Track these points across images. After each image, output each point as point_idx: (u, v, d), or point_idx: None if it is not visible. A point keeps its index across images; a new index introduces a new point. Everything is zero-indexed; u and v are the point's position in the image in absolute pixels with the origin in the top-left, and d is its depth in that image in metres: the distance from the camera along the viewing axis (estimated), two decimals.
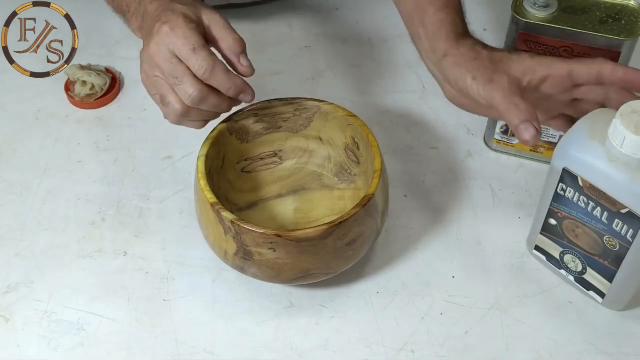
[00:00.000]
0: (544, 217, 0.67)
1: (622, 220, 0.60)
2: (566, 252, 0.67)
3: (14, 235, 0.74)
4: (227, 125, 0.70)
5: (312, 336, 0.67)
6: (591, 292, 0.68)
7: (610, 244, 0.62)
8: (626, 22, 0.69)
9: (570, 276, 0.69)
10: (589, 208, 0.62)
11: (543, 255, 0.70)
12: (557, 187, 0.64)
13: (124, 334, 0.67)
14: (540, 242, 0.69)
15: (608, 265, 0.64)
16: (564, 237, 0.67)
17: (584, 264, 0.66)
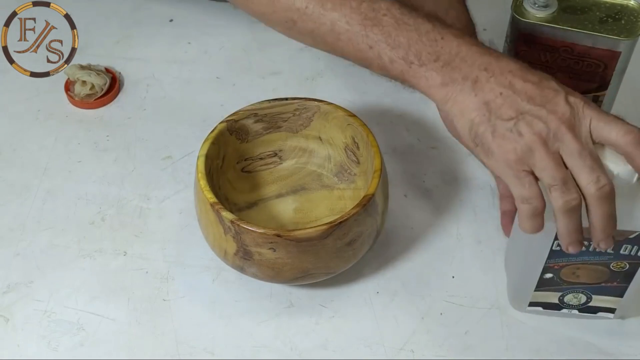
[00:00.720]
0: (538, 276, 0.62)
1: (632, 243, 0.58)
2: (567, 294, 0.64)
3: (14, 235, 0.74)
4: (227, 125, 0.70)
5: (312, 336, 0.67)
6: (600, 313, 0.66)
7: (619, 267, 0.61)
8: (626, 22, 0.69)
9: (574, 311, 0.66)
10: (591, 247, 0.59)
11: (539, 306, 0.66)
12: (553, 245, 0.59)
13: (124, 334, 0.67)
14: (534, 297, 0.65)
15: (617, 284, 0.63)
16: (562, 282, 0.63)
17: (588, 295, 0.64)
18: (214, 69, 0.90)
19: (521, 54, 0.72)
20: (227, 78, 0.89)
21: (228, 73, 0.90)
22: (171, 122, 0.85)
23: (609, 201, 0.54)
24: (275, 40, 0.94)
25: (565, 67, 0.71)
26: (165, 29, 0.95)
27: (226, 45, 0.93)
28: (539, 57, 0.72)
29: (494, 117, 0.55)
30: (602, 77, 0.71)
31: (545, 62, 0.72)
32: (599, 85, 0.72)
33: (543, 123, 0.54)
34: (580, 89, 0.72)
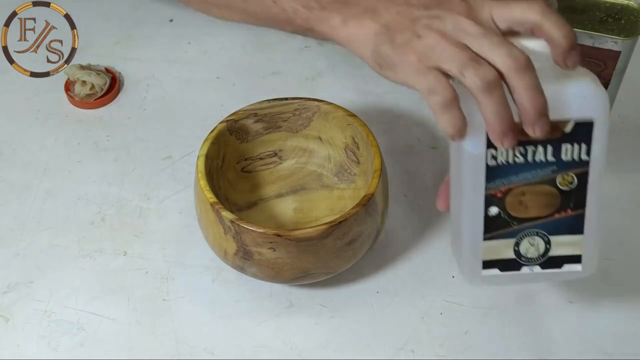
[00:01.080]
0: (482, 212, 0.54)
1: (571, 140, 0.52)
2: (522, 239, 0.55)
3: (14, 235, 0.74)
4: (227, 125, 0.70)
5: (312, 336, 0.67)
6: (565, 267, 0.56)
7: (566, 182, 0.53)
8: (626, 22, 0.69)
9: (535, 268, 0.56)
10: (529, 156, 0.52)
11: (495, 268, 0.56)
12: (487, 158, 0.52)
13: (124, 334, 0.67)
14: (486, 252, 0.56)
15: (572, 213, 0.54)
16: (512, 221, 0.55)
17: (545, 237, 0.55)
18: (214, 69, 0.90)
19: None
20: (227, 78, 0.89)
21: (228, 73, 0.90)
22: (171, 122, 0.85)
23: (528, 71, 0.49)
24: (275, 40, 0.94)
25: None
26: (165, 29, 0.95)
27: (226, 45, 0.93)
28: None
29: (393, 33, 0.54)
30: (602, 77, 0.71)
31: None
32: None
33: (441, 21, 0.52)
34: None
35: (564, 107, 0.51)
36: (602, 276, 0.71)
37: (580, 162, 0.53)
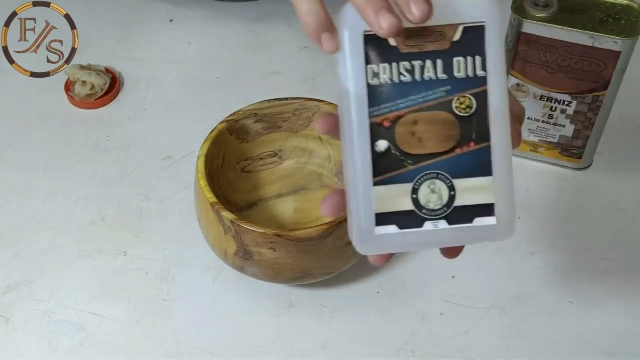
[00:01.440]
0: (368, 149, 0.45)
1: (463, 52, 0.45)
2: (420, 184, 0.46)
3: (14, 235, 0.74)
4: (227, 125, 0.70)
5: (312, 336, 0.67)
6: (477, 221, 0.46)
7: (464, 107, 0.45)
8: (626, 22, 0.69)
9: (440, 223, 0.46)
10: (417, 73, 0.45)
11: (392, 224, 0.46)
12: (368, 76, 0.45)
13: (124, 334, 0.67)
14: (379, 202, 0.46)
15: (476, 146, 0.46)
16: (406, 158, 0.46)
17: (448, 180, 0.46)
18: (214, 69, 0.90)
19: (521, 54, 0.72)
20: (227, 78, 0.89)
21: (228, 73, 0.90)
22: (171, 122, 0.85)
23: None
24: (275, 40, 0.94)
25: (564, 67, 0.71)
26: (165, 29, 0.95)
27: (226, 45, 0.93)
28: (539, 57, 0.72)
29: None
30: (602, 77, 0.71)
31: (545, 62, 0.72)
32: (598, 85, 0.72)
33: None
34: (580, 89, 0.73)
35: (449, 10, 0.45)
36: (602, 276, 0.71)
37: (477, 79, 0.45)
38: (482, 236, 0.47)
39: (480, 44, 0.45)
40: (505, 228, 0.47)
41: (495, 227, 0.46)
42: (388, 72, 0.45)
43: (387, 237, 0.46)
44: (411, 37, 0.45)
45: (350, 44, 0.45)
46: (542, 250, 0.73)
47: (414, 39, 0.45)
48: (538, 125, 0.77)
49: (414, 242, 0.47)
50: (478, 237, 0.47)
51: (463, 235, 0.47)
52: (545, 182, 0.79)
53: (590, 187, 0.79)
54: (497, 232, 0.47)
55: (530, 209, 0.76)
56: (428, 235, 0.46)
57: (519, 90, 0.75)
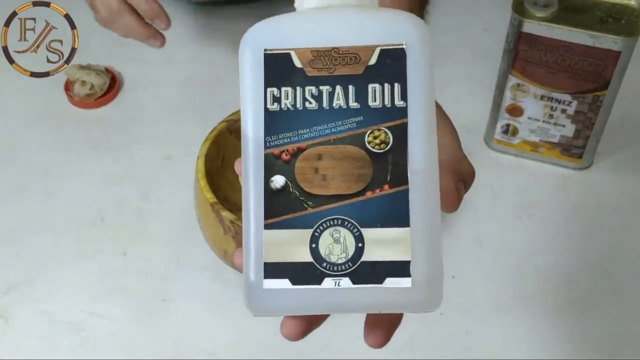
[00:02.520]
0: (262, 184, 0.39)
1: (379, 78, 0.38)
2: (322, 231, 0.38)
3: (14, 235, 0.74)
4: (227, 125, 0.70)
5: (312, 336, 0.67)
6: (388, 281, 0.38)
7: (378, 142, 0.38)
8: (626, 22, 0.69)
9: (343, 281, 0.38)
10: (325, 100, 0.38)
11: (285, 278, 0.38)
12: (267, 99, 0.39)
13: (124, 334, 0.67)
14: (270, 249, 0.38)
15: (391, 190, 0.38)
16: (307, 199, 0.38)
17: (355, 228, 0.38)
18: (214, 69, 0.90)
19: (521, 54, 0.72)
20: (227, 78, 0.89)
21: (228, 73, 0.90)
22: (171, 122, 0.85)
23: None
24: None
25: (565, 67, 0.71)
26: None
27: (226, 45, 0.93)
28: (539, 57, 0.72)
29: None
30: (602, 77, 0.71)
31: (545, 62, 0.72)
32: (599, 85, 0.72)
33: None
34: (580, 89, 0.73)
35: (363, 30, 0.38)
36: (602, 276, 0.71)
37: (395, 110, 0.38)
38: (395, 302, 0.39)
39: (401, 69, 0.38)
40: (425, 294, 0.39)
41: (411, 292, 0.38)
42: (291, 97, 0.38)
43: (278, 294, 0.38)
44: (320, 58, 0.38)
45: (250, 63, 0.39)
46: (542, 250, 0.73)
47: (324, 60, 0.38)
48: (539, 125, 0.77)
49: (311, 304, 0.39)
50: (390, 304, 0.39)
51: (371, 299, 0.39)
52: (545, 182, 0.79)
53: (591, 187, 0.79)
54: (414, 299, 0.39)
55: (530, 209, 0.76)
56: (328, 296, 0.39)
57: (520, 90, 0.75)
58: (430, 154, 0.38)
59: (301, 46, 0.38)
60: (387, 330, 0.42)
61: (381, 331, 0.42)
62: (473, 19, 0.73)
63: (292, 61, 0.39)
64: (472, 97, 0.85)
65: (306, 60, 0.38)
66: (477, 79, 0.87)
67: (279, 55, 0.38)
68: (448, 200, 0.40)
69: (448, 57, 0.89)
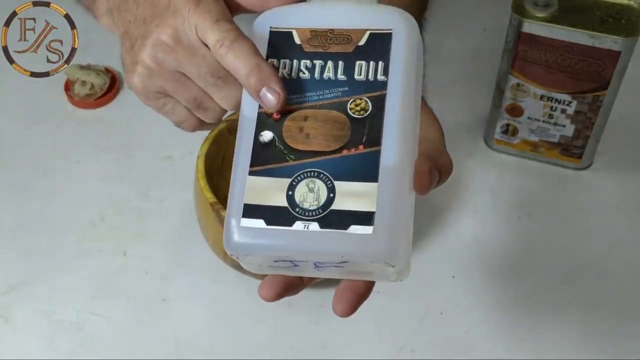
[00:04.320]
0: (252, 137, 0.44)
1: (366, 56, 0.44)
2: (299, 181, 0.43)
3: (14, 235, 0.74)
4: (227, 125, 0.70)
5: (312, 336, 0.67)
6: (352, 228, 0.41)
7: (359, 109, 0.43)
8: (626, 22, 0.69)
9: (312, 225, 0.42)
10: (317, 72, 0.44)
11: (261, 218, 0.43)
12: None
13: (124, 334, 0.67)
14: (252, 193, 0.43)
15: (364, 150, 0.43)
16: (290, 153, 0.43)
17: (329, 181, 0.42)
18: None
19: (521, 54, 0.72)
20: None
21: None
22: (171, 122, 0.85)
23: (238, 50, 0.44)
24: None
25: (565, 67, 0.71)
26: None
27: None
28: (539, 57, 0.72)
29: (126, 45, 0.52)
30: (602, 77, 0.71)
31: (546, 62, 0.72)
32: (599, 85, 0.72)
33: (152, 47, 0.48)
34: (580, 89, 0.73)
35: (357, 16, 0.44)
36: (602, 276, 0.71)
37: (376, 83, 0.43)
38: (357, 251, 0.42)
39: (386, 50, 0.43)
40: (384, 243, 0.42)
41: (372, 239, 0.41)
42: (288, 68, 0.44)
43: (253, 233, 0.42)
44: (317, 37, 0.44)
45: (256, 38, 0.45)
46: (542, 250, 0.73)
47: (320, 39, 0.44)
48: (538, 125, 0.77)
49: (282, 244, 0.42)
50: (353, 252, 0.42)
51: (336, 244, 0.41)
52: (545, 182, 0.79)
53: (590, 187, 0.79)
54: (373, 246, 0.41)
55: (530, 209, 0.76)
56: (297, 238, 0.42)
57: (520, 90, 0.75)
58: (405, 123, 0.43)
59: (302, 26, 0.44)
60: (354, 300, 0.46)
61: (348, 300, 0.46)
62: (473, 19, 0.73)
63: (293, 38, 0.44)
64: (472, 97, 0.85)
65: (305, 38, 0.44)
66: (477, 79, 0.87)
67: (282, 32, 0.44)
68: (420, 181, 0.43)
69: (448, 57, 0.89)
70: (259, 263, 0.45)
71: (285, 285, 0.45)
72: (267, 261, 0.44)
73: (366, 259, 0.42)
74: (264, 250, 0.43)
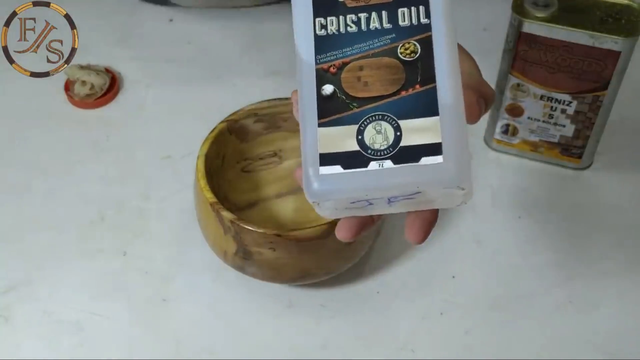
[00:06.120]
0: (314, 93, 0.47)
1: (407, 3, 0.47)
2: (366, 125, 0.46)
3: (14, 235, 0.74)
4: (227, 125, 0.70)
5: (312, 336, 0.67)
6: (424, 160, 0.45)
7: (409, 52, 0.47)
8: (626, 22, 0.69)
9: (385, 162, 0.45)
10: (363, 24, 0.47)
11: (338, 164, 0.45)
12: (315, 27, 0.48)
13: (124, 334, 0.67)
14: (324, 143, 0.46)
15: (422, 88, 0.46)
16: (352, 102, 0.47)
17: (394, 122, 0.46)
18: (214, 69, 0.90)
19: (521, 54, 0.72)
20: (227, 78, 0.89)
21: (228, 73, 0.90)
22: (171, 122, 0.85)
23: None
24: (275, 40, 0.94)
25: (565, 67, 0.71)
26: (165, 29, 0.95)
27: (226, 45, 0.93)
28: (539, 57, 0.72)
29: None
30: (602, 77, 0.71)
31: (546, 62, 0.72)
32: (599, 85, 0.72)
33: None
34: (580, 89, 0.73)
35: None
36: (602, 276, 0.71)
37: (421, 26, 0.46)
38: (430, 179, 0.45)
39: None
40: (455, 168, 0.45)
41: (443, 166, 0.45)
42: (335, 24, 0.47)
43: (332, 179, 0.45)
44: None
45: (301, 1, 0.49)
46: (542, 250, 0.73)
47: None
48: (538, 125, 0.77)
49: (361, 185, 0.45)
50: (426, 181, 0.45)
51: (411, 176, 0.45)
52: (545, 182, 0.79)
53: (590, 187, 0.79)
54: (446, 173, 0.45)
55: (530, 208, 0.76)
56: (374, 176, 0.45)
57: (520, 90, 0.75)
58: (452, 59, 0.46)
59: None
60: (426, 227, 0.48)
61: (420, 227, 0.48)
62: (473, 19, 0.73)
63: None
64: None
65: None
66: None
67: None
68: (471, 112, 0.46)
69: None
70: (335, 207, 0.47)
71: (359, 224, 0.48)
72: (344, 204, 0.47)
73: (440, 186, 0.45)
74: (345, 193, 0.45)
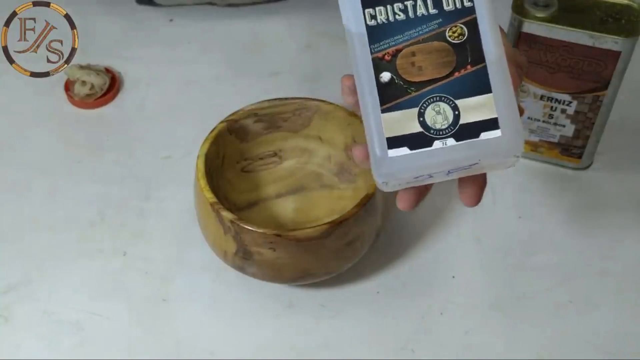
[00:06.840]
0: (374, 82, 0.50)
1: None
2: (426, 107, 0.50)
3: (14, 235, 0.74)
4: (227, 125, 0.70)
5: (312, 336, 0.67)
6: (483, 135, 0.49)
7: (457, 35, 0.50)
8: (626, 22, 0.69)
9: (448, 140, 0.49)
10: (410, 11, 0.50)
11: (404, 146, 0.49)
12: (366, 18, 0.50)
13: (124, 334, 0.67)
14: (389, 127, 0.49)
15: (473, 68, 0.50)
16: (410, 86, 0.50)
17: (451, 102, 0.50)
18: (214, 69, 0.90)
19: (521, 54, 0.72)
20: (227, 78, 0.89)
21: (228, 73, 0.90)
22: (171, 122, 0.85)
23: None
24: (275, 40, 0.94)
25: (565, 67, 0.71)
26: (165, 29, 0.95)
27: (226, 45, 0.93)
28: (539, 57, 0.72)
29: None
30: (602, 77, 0.71)
31: (546, 62, 0.72)
32: (599, 85, 0.72)
33: None
34: (580, 89, 0.73)
35: None
36: (602, 276, 0.71)
37: (465, 10, 0.50)
38: (490, 151, 0.49)
39: None
40: (512, 140, 0.49)
41: (502, 139, 0.48)
42: (384, 14, 0.50)
43: (401, 160, 0.49)
44: None
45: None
46: (542, 250, 0.73)
47: None
48: (538, 125, 0.77)
49: (427, 163, 0.49)
50: (487, 152, 0.49)
51: (472, 151, 0.49)
52: (545, 182, 0.79)
53: (591, 187, 0.79)
54: (505, 144, 0.48)
55: (530, 208, 0.76)
56: (439, 154, 0.49)
57: (520, 90, 0.75)
58: (496, 38, 0.49)
59: None
60: (479, 191, 0.52)
61: (472, 190, 0.52)
62: None
63: None
64: None
65: None
66: None
67: None
68: (513, 80, 0.49)
69: None
70: (399, 183, 0.51)
71: (418, 194, 0.52)
72: (408, 180, 0.50)
73: (500, 157, 0.49)
74: (414, 171, 0.49)
